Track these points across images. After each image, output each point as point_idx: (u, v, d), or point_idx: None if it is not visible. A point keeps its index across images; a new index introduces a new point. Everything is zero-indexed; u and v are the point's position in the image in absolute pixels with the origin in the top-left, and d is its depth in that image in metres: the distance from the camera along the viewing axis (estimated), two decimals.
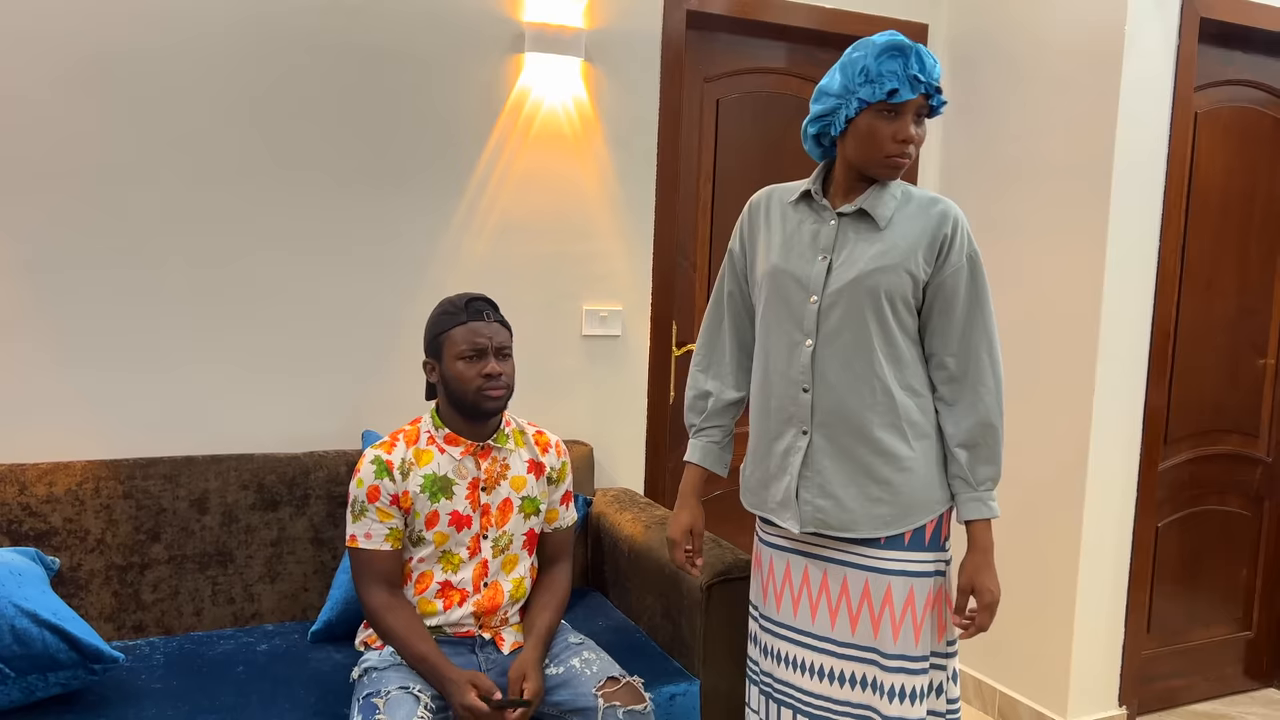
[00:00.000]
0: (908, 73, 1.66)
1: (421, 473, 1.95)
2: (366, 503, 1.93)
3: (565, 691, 1.90)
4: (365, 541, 1.93)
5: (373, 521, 1.93)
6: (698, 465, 1.97)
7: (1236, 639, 3.34)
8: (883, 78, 1.67)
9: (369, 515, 1.93)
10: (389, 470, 1.93)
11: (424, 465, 1.95)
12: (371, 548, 1.93)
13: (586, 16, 2.74)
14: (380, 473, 1.93)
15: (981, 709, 3.13)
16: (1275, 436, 3.31)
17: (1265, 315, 3.23)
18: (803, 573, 1.86)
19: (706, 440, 1.97)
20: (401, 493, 1.94)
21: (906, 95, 1.67)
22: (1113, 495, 2.86)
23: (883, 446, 1.76)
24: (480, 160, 2.67)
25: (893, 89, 1.66)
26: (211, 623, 2.31)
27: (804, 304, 1.79)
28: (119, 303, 2.37)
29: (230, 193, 2.44)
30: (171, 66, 2.36)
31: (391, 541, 1.94)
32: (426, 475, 1.95)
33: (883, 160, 1.73)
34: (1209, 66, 2.98)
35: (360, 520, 1.93)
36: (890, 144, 1.71)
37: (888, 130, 1.70)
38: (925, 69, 1.68)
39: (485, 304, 1.98)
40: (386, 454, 1.95)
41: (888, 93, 1.67)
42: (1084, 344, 2.79)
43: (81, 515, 2.21)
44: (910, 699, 1.78)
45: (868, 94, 1.68)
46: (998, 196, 3.07)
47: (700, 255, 3.08)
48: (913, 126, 1.71)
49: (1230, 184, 3.08)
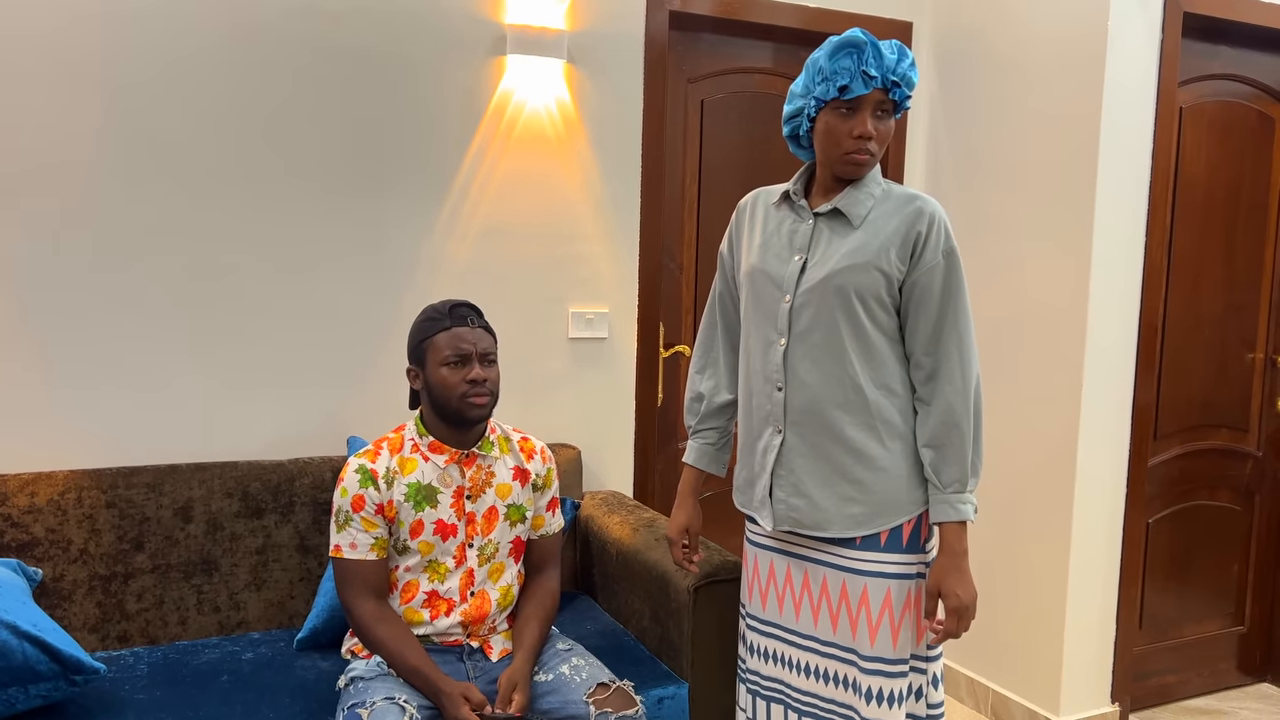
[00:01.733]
0: (860, 68, 1.67)
1: (406, 481, 1.93)
2: (351, 512, 1.91)
3: (555, 699, 1.89)
4: (350, 552, 1.91)
5: (358, 531, 1.91)
6: (693, 466, 2.01)
7: (1229, 634, 3.34)
8: (836, 75, 1.69)
9: (353, 525, 1.91)
10: (374, 479, 1.92)
11: (408, 474, 1.94)
12: (357, 558, 1.91)
13: (569, 18, 2.73)
14: (365, 481, 1.91)
15: (974, 708, 3.12)
16: (1265, 431, 3.31)
17: (1253, 309, 3.22)
18: (785, 572, 1.87)
19: (702, 442, 2.01)
20: (386, 502, 1.92)
21: (859, 90, 1.68)
22: (1103, 492, 2.85)
23: (855, 446, 1.76)
24: (463, 164, 2.66)
25: (844, 85, 1.68)
26: (196, 632, 2.29)
27: (778, 303, 1.80)
28: (100, 311, 2.35)
29: (211, 200, 2.43)
30: (153, 75, 2.34)
31: (377, 551, 1.92)
32: (411, 484, 1.93)
33: (842, 157, 1.73)
34: (1193, 61, 2.98)
35: (345, 530, 1.91)
36: (848, 141, 1.71)
37: (844, 127, 1.71)
38: (881, 63, 1.68)
39: (469, 310, 1.96)
40: (371, 463, 1.93)
41: (839, 89, 1.69)
42: (1072, 340, 2.79)
43: (64, 525, 2.19)
44: (889, 702, 1.77)
45: (822, 92, 1.71)
46: (983, 193, 3.06)
47: (686, 256, 3.07)
48: (871, 122, 1.71)
49: (1216, 178, 3.08)
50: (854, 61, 1.68)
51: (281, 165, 2.48)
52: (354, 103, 2.54)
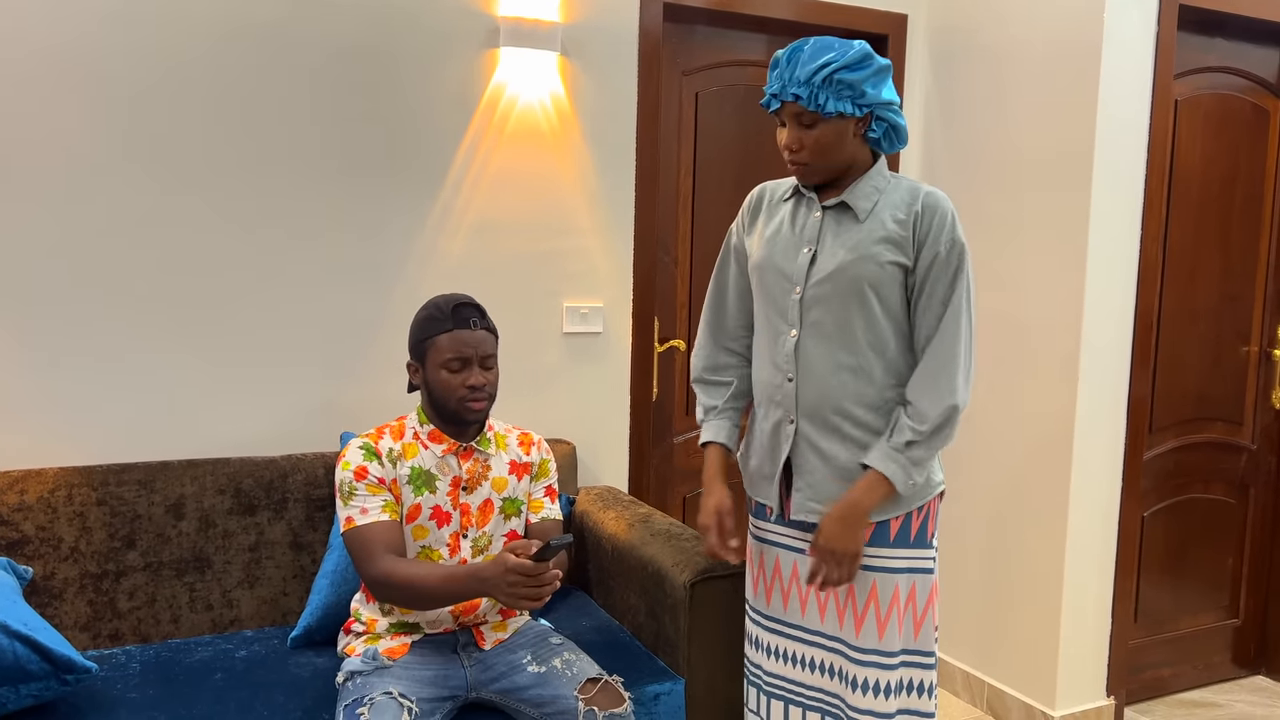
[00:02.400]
0: (777, 81, 1.72)
1: (409, 464, 1.94)
2: (355, 481, 1.89)
3: (546, 692, 1.89)
4: (362, 517, 1.87)
5: (365, 497, 1.88)
6: (720, 444, 1.96)
7: (1224, 627, 3.34)
8: (768, 89, 1.75)
9: (360, 493, 1.88)
10: (378, 455, 1.92)
11: (410, 458, 1.95)
12: (370, 521, 1.87)
13: (562, 10, 2.71)
14: (369, 456, 1.91)
15: (970, 702, 3.12)
16: (1259, 424, 3.31)
17: (1248, 302, 3.22)
18: (793, 567, 1.88)
19: (727, 421, 1.98)
20: (391, 479, 1.92)
21: (774, 104, 1.74)
22: (1098, 485, 2.85)
23: (866, 435, 1.77)
24: (456, 158, 2.64)
25: (766, 100, 1.75)
26: (189, 630, 2.28)
27: (788, 295, 1.81)
28: (91, 307, 2.33)
29: (201, 194, 2.40)
30: (139, 65, 2.32)
31: (389, 513, 1.89)
32: (413, 467, 1.94)
33: (788, 165, 1.78)
34: (1188, 54, 2.97)
35: (351, 501, 1.88)
36: (783, 151, 1.77)
37: (780, 136, 1.77)
38: (793, 73, 1.69)
39: (473, 310, 1.95)
40: (374, 442, 1.94)
41: (766, 104, 1.75)
42: (1068, 334, 2.78)
43: (54, 523, 2.17)
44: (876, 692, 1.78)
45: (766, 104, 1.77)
46: (979, 189, 3.05)
47: (681, 250, 3.06)
48: (795, 132, 1.73)
49: (1211, 171, 3.08)
50: (774, 74, 1.73)
51: (272, 160, 2.46)
52: (346, 97, 2.51)
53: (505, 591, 1.70)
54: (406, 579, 1.80)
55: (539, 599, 1.70)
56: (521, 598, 1.69)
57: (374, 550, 1.84)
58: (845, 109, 1.69)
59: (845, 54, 1.67)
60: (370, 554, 1.84)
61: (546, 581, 1.70)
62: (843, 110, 1.69)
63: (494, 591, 1.72)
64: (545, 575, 1.70)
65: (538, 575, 1.69)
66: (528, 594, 1.69)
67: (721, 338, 2.00)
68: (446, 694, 1.89)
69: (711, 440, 1.96)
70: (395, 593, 1.82)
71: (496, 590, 1.71)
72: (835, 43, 1.69)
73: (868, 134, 1.75)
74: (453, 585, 1.77)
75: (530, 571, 1.68)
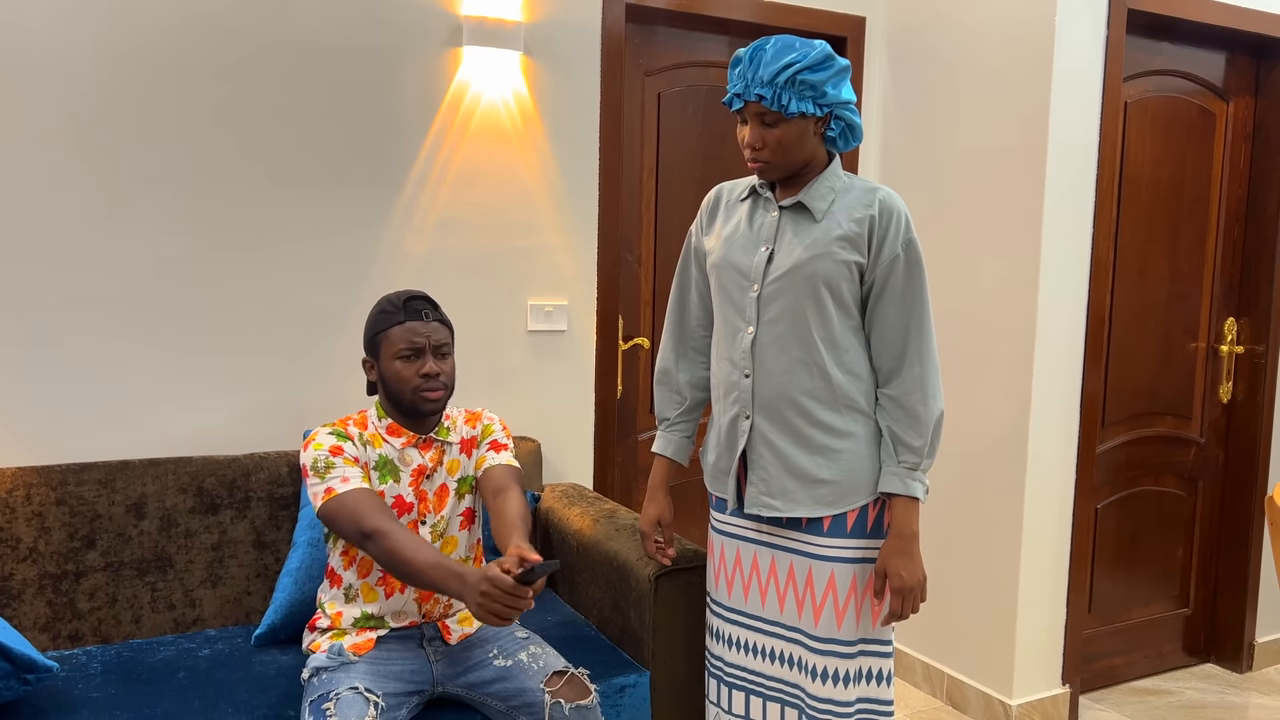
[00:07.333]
0: (740, 80, 1.75)
1: (376, 452, 1.96)
2: (331, 456, 1.88)
3: (511, 685, 1.90)
4: (344, 485, 1.84)
5: (344, 468, 1.87)
6: (667, 458, 2.06)
7: (1174, 616, 3.42)
8: (730, 88, 1.78)
9: (337, 466, 1.87)
10: (349, 438, 1.94)
11: (377, 447, 1.97)
12: (353, 487, 1.85)
13: (525, 9, 2.73)
14: (341, 438, 1.92)
15: (930, 692, 3.18)
16: (1207, 418, 3.40)
17: (1196, 300, 3.31)
18: (752, 559, 1.92)
19: (678, 435, 2.07)
20: (363, 461, 1.93)
21: (736, 103, 1.77)
22: (1053, 478, 2.91)
23: (821, 430, 1.81)
24: (419, 155, 2.64)
25: (729, 99, 1.78)
26: (151, 630, 2.26)
27: (745, 293, 1.85)
28: (49, 306, 2.30)
29: (163, 191, 2.39)
30: (102, 64, 2.30)
31: (368, 482, 1.89)
32: (380, 455, 1.96)
33: (748, 163, 1.81)
34: (1137, 57, 3.05)
35: (330, 473, 1.86)
36: (744, 149, 1.80)
37: (741, 134, 1.80)
38: (756, 73, 1.72)
39: (424, 302, 1.97)
40: (343, 428, 1.96)
41: (728, 102, 1.78)
42: (1022, 330, 2.84)
43: (12, 523, 2.14)
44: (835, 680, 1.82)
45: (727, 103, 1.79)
46: (935, 187, 3.11)
47: (645, 248, 3.08)
48: (757, 130, 1.76)
49: (1160, 172, 3.16)
50: (736, 74, 1.76)
51: (235, 156, 2.45)
52: (309, 94, 2.51)
53: (477, 600, 1.66)
54: (400, 541, 1.75)
55: (505, 618, 1.66)
56: (490, 611, 1.65)
57: (365, 509, 1.80)
58: (807, 109, 1.72)
59: (808, 55, 1.70)
60: (362, 512, 1.79)
61: (519, 604, 1.65)
62: (805, 110, 1.72)
63: (468, 596, 1.68)
64: (520, 598, 1.65)
65: (513, 594, 1.64)
66: (497, 609, 1.65)
67: (684, 337, 2.06)
68: (413, 688, 1.90)
69: (660, 453, 2.06)
70: (385, 552, 1.77)
71: (470, 595, 1.67)
72: (797, 42, 1.71)
73: (826, 132, 1.79)
74: (437, 573, 1.72)
75: (507, 588, 1.64)
